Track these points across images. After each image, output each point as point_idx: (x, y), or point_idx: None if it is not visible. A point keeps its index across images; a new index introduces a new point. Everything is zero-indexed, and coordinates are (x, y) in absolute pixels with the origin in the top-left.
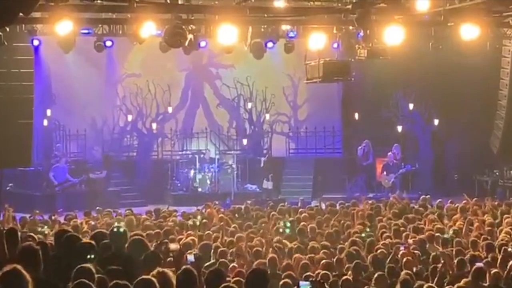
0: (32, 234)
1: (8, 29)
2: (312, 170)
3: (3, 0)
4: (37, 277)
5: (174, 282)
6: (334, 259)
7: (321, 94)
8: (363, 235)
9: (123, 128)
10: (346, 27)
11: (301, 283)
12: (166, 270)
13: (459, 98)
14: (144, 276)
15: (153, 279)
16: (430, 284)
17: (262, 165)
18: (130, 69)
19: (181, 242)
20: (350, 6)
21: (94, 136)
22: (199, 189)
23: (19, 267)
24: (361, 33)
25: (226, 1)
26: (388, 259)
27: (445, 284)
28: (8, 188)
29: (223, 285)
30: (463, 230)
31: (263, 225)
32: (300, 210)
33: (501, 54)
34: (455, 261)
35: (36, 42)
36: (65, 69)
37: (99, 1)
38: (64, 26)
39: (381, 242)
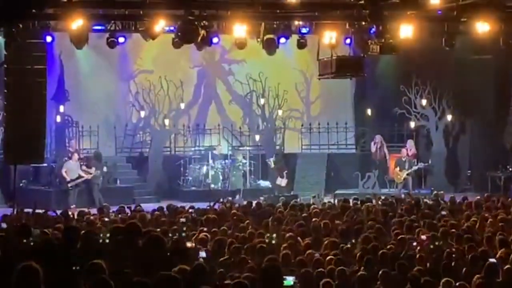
0: (45, 230)
1: (21, 26)
2: (325, 166)
3: None
4: (54, 271)
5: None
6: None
7: (334, 90)
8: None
9: (135, 124)
10: (359, 22)
11: (286, 277)
12: (184, 266)
13: (472, 94)
14: (165, 272)
15: (176, 275)
16: (447, 279)
17: (272, 166)
18: (143, 66)
19: (193, 238)
20: (362, 2)
21: (106, 133)
22: (212, 185)
23: (34, 264)
24: (374, 29)
25: None
26: (401, 255)
27: (458, 280)
28: (21, 185)
29: (235, 281)
30: (477, 226)
31: (275, 222)
32: (313, 206)
33: None
34: (468, 257)
35: (49, 39)
36: (77, 65)
37: None
38: (76, 22)
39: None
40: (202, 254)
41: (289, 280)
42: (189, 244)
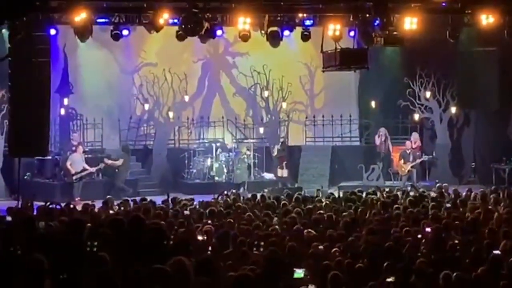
0: (50, 223)
1: (25, 19)
2: (329, 158)
3: None
4: (54, 264)
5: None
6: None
7: (338, 83)
8: None
9: (139, 117)
10: (363, 14)
11: (296, 269)
12: (183, 258)
13: (477, 86)
14: (158, 266)
15: (167, 268)
16: (447, 272)
17: (275, 153)
18: (147, 58)
19: (198, 230)
20: None
21: (110, 125)
22: (216, 178)
23: (39, 256)
24: (378, 21)
25: None
26: (405, 247)
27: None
28: (25, 178)
29: (239, 273)
30: (481, 219)
31: (280, 215)
32: (317, 198)
33: None
34: (472, 249)
35: (53, 31)
36: (81, 58)
37: None
38: (80, 15)
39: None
40: None
41: (299, 272)
42: (200, 237)
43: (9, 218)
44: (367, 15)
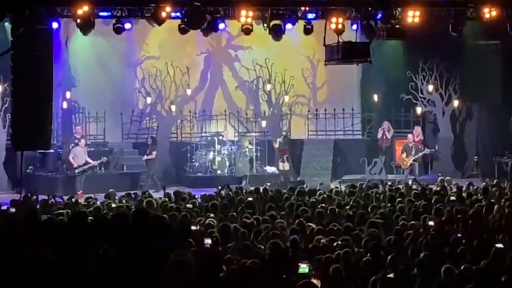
0: (52, 216)
1: (28, 12)
2: (332, 152)
3: None
4: (57, 257)
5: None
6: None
7: (340, 76)
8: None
9: (142, 110)
10: (365, 8)
11: (301, 264)
12: (184, 252)
13: (479, 80)
14: (178, 257)
15: (187, 258)
16: (448, 265)
17: (276, 146)
18: (149, 51)
19: (200, 223)
20: None
21: (113, 119)
22: (219, 172)
23: (41, 251)
24: (380, 14)
25: None
26: (407, 241)
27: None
28: (28, 171)
29: (242, 266)
30: (483, 212)
31: (286, 209)
32: (319, 192)
33: None
34: (475, 243)
35: (55, 25)
36: (84, 51)
37: None
38: (83, 8)
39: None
40: (208, 241)
41: (304, 267)
42: (193, 227)
43: (13, 210)
44: (370, 9)
